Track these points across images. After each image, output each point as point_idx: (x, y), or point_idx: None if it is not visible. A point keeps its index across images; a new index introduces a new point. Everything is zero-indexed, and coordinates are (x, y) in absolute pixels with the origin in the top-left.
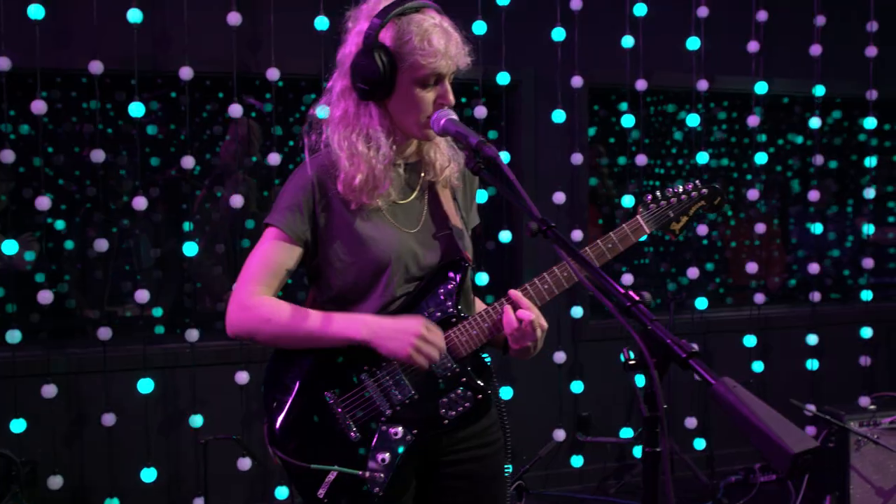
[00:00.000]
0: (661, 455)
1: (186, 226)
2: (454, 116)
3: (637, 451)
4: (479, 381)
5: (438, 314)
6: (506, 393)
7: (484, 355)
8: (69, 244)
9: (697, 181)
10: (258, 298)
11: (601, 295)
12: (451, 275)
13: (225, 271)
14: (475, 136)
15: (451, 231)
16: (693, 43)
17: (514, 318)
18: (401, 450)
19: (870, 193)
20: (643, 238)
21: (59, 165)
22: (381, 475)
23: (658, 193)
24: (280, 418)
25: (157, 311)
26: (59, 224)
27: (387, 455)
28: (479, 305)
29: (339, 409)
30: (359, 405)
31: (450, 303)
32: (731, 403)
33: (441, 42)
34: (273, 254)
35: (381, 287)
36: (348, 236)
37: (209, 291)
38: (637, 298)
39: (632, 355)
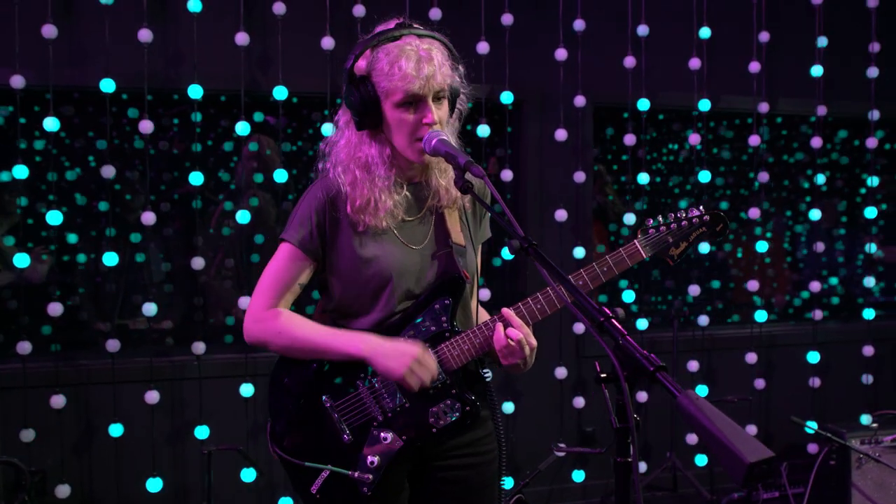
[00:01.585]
0: (631, 465)
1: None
2: (444, 137)
3: (641, 467)
4: (467, 394)
5: (433, 328)
6: (508, 408)
7: (485, 371)
8: (82, 257)
9: (702, 206)
10: (271, 311)
11: (577, 310)
12: (448, 291)
13: (234, 285)
14: (464, 156)
15: (451, 249)
16: (695, 63)
17: (503, 336)
18: (390, 454)
19: (871, 213)
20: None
21: (75, 180)
22: (370, 476)
23: (660, 218)
24: (280, 418)
25: (169, 324)
26: (72, 238)
27: (376, 458)
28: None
29: (335, 413)
30: (353, 410)
31: (444, 318)
32: (692, 414)
33: (410, 64)
34: (286, 268)
35: (382, 301)
36: (354, 253)
37: (220, 305)
38: (610, 314)
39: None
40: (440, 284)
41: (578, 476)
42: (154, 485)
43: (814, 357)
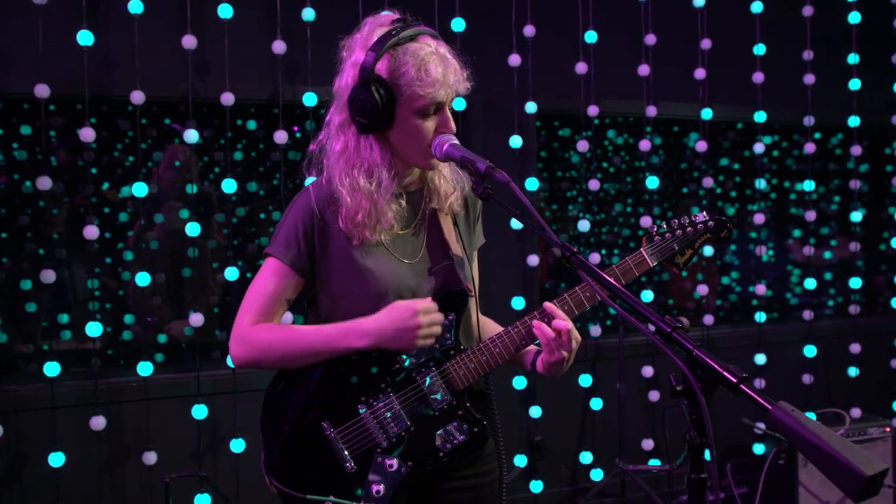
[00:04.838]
0: (706, 482)
1: (129, 255)
2: (456, 142)
3: (595, 475)
4: (475, 414)
5: (437, 346)
6: None
7: (487, 385)
8: None
9: (705, 213)
10: (255, 328)
11: (635, 320)
12: (451, 306)
13: (165, 301)
14: (482, 161)
15: (451, 261)
16: (643, 70)
17: (549, 330)
18: (396, 482)
19: (810, 217)
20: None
21: None
22: None
23: (664, 225)
24: (277, 448)
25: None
26: None
27: (382, 487)
28: (492, 327)
29: (336, 440)
30: (355, 436)
31: (448, 335)
32: (791, 427)
33: (438, 70)
34: (272, 285)
35: None
36: (347, 268)
37: (149, 322)
38: (677, 324)
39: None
40: (442, 299)
41: (536, 486)
42: None
43: (760, 359)
